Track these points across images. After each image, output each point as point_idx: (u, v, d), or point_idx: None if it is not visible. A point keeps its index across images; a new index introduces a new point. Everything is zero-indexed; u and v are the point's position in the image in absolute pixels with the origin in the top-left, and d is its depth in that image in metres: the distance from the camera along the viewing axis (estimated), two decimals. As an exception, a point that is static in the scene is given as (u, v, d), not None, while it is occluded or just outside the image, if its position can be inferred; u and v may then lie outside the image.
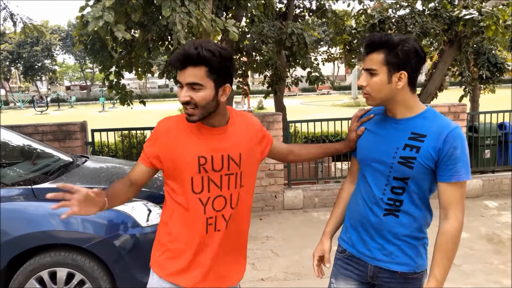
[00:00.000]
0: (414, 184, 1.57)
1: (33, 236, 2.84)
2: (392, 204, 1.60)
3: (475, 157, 6.44)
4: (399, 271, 1.62)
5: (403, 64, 1.51)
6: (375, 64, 1.53)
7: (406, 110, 1.59)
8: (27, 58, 40.34)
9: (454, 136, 1.51)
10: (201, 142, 1.55)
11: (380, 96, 1.56)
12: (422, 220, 1.62)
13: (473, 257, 4.05)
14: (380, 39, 1.50)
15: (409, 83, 1.55)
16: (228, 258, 1.67)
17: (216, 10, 6.76)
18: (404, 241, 1.61)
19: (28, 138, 4.14)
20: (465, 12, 6.48)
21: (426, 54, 1.59)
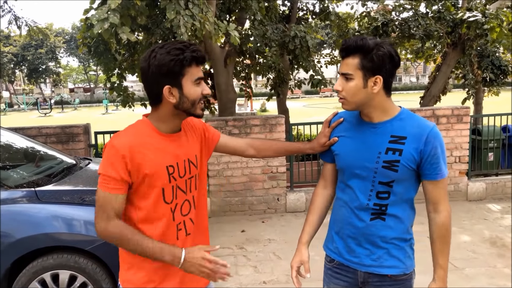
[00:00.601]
0: (399, 186, 1.59)
1: (36, 238, 2.85)
2: (378, 209, 1.61)
3: (478, 160, 6.41)
4: (389, 274, 1.64)
5: (378, 69, 1.51)
6: (350, 69, 1.53)
7: (382, 113, 1.60)
8: (32, 61, 40.59)
9: (434, 136, 1.55)
10: (165, 151, 1.53)
11: (356, 100, 1.57)
12: (408, 221, 1.66)
13: (476, 261, 4.03)
14: (355, 43, 1.50)
15: (384, 87, 1.55)
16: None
17: (219, 13, 6.78)
18: (392, 243, 1.63)
19: (31, 140, 4.16)
20: (468, 14, 6.47)
21: (400, 59, 1.60)
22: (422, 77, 47.47)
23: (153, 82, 1.48)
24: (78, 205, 2.98)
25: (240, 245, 4.62)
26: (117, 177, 1.44)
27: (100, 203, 1.47)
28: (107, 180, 1.45)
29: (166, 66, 1.43)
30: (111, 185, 1.45)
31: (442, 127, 5.79)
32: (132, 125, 1.55)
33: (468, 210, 5.56)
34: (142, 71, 1.49)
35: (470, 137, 5.95)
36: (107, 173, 1.45)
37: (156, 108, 1.53)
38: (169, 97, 1.47)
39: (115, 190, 1.46)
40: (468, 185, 5.95)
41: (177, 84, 1.47)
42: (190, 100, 1.50)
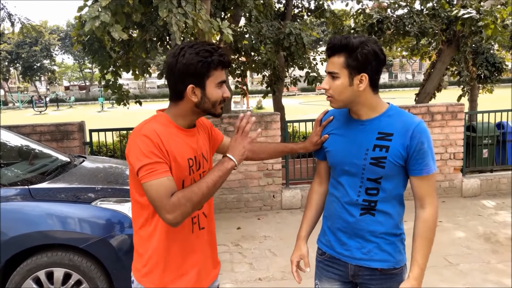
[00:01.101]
0: (387, 182, 1.61)
1: (30, 236, 2.84)
2: (368, 205, 1.64)
3: (473, 157, 6.44)
4: (379, 268, 1.65)
5: (363, 67, 1.53)
6: (336, 68, 1.56)
7: (370, 110, 1.62)
8: (26, 58, 40.34)
9: (420, 131, 1.55)
10: (185, 144, 1.56)
11: (343, 98, 1.59)
12: (398, 216, 1.67)
13: (471, 257, 4.05)
14: (340, 42, 1.53)
15: (370, 84, 1.57)
16: (211, 254, 1.72)
17: (214, 10, 6.76)
18: (382, 238, 1.65)
19: (26, 138, 4.14)
20: (463, 11, 6.49)
21: (386, 56, 1.61)
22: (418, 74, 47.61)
23: (178, 79, 1.50)
24: (72, 203, 2.97)
25: (236, 242, 4.62)
26: (160, 159, 1.42)
27: (156, 194, 1.39)
28: (153, 168, 1.40)
29: (193, 66, 1.46)
30: (159, 169, 1.40)
31: (437, 123, 5.81)
32: (152, 118, 1.55)
33: (463, 206, 5.58)
34: (169, 67, 1.51)
35: (465, 133, 5.98)
36: (150, 161, 1.40)
37: (176, 103, 1.55)
38: (192, 96, 1.50)
39: (164, 173, 1.41)
40: (462, 181, 5.98)
41: (201, 84, 1.50)
42: (211, 101, 1.53)
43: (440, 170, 5.90)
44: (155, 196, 1.40)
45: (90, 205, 2.97)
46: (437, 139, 5.84)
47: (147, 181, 1.40)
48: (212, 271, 1.72)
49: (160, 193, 1.39)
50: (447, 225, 4.91)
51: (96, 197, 3.03)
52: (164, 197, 1.39)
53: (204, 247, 1.66)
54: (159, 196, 1.39)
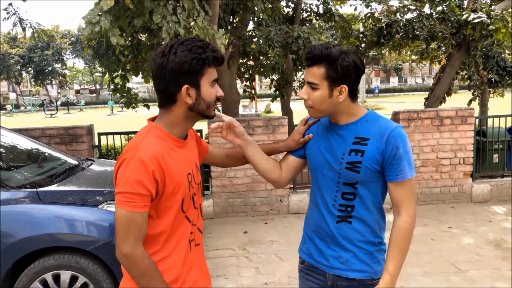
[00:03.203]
0: (364, 188, 1.58)
1: (37, 238, 2.86)
2: (344, 210, 1.61)
3: (483, 162, 6.37)
4: (357, 278, 1.62)
5: (343, 79, 1.51)
6: (316, 78, 1.53)
7: (348, 117, 1.61)
8: (38, 62, 40.85)
9: (395, 136, 1.53)
10: (183, 158, 1.47)
11: (322, 109, 1.58)
12: (375, 225, 1.63)
13: (480, 263, 3.99)
14: (321, 53, 1.50)
15: (349, 95, 1.56)
16: (205, 270, 1.64)
17: (223, 14, 6.79)
18: (359, 247, 1.62)
19: (35, 141, 4.18)
20: (473, 15, 6.44)
21: (365, 66, 1.59)
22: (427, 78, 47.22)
23: (170, 80, 1.36)
24: (79, 206, 2.99)
25: (243, 246, 4.61)
26: (145, 192, 1.32)
27: (123, 224, 1.33)
28: (132, 198, 1.31)
29: (187, 63, 1.35)
30: (137, 202, 1.32)
31: (446, 128, 5.76)
32: (145, 132, 1.42)
33: (473, 212, 5.51)
34: (159, 68, 1.37)
35: (475, 138, 5.91)
36: (132, 190, 1.31)
37: (168, 109, 1.42)
38: (186, 97, 1.38)
39: (141, 207, 1.33)
40: (472, 186, 5.90)
41: (196, 84, 1.39)
42: (206, 101, 1.42)
43: (449, 175, 5.84)
44: (123, 225, 1.33)
45: (98, 208, 2.99)
46: (447, 144, 5.78)
47: (120, 208, 1.33)
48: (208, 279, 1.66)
49: (129, 227, 1.33)
50: (456, 231, 4.85)
51: (104, 200, 3.05)
52: (128, 233, 1.33)
53: (200, 264, 1.59)
54: (126, 229, 1.33)
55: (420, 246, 4.42)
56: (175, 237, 1.46)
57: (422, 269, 3.87)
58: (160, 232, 1.43)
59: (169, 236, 1.44)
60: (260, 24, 7.28)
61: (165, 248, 1.44)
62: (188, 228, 1.50)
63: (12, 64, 39.38)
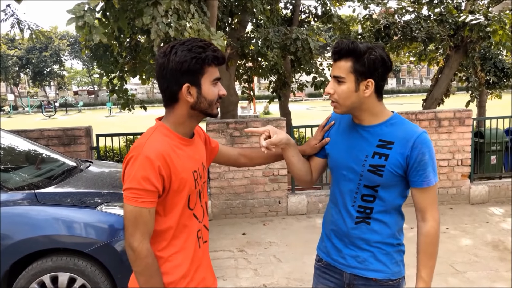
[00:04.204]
0: (384, 191, 1.58)
1: (35, 240, 2.86)
2: (363, 212, 1.61)
3: (481, 163, 6.38)
4: (374, 278, 1.62)
5: (370, 73, 1.51)
6: (342, 72, 1.53)
7: (373, 117, 1.60)
8: (36, 64, 40.78)
9: (421, 142, 1.52)
10: (189, 156, 1.51)
11: (347, 104, 1.56)
12: (394, 226, 1.63)
13: (478, 264, 4.00)
14: (348, 47, 1.50)
15: (376, 91, 1.56)
16: (210, 267, 1.67)
17: (221, 15, 6.80)
18: (377, 247, 1.62)
19: (33, 143, 4.17)
20: (471, 17, 6.45)
21: (392, 63, 1.58)
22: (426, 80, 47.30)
23: (171, 79, 1.41)
24: (77, 208, 2.99)
25: (241, 248, 4.61)
26: (152, 188, 1.36)
27: (131, 219, 1.37)
28: (139, 194, 1.35)
29: (187, 63, 1.38)
30: (145, 198, 1.36)
31: (444, 129, 5.77)
32: (152, 131, 1.47)
33: (471, 213, 5.52)
34: (160, 68, 1.42)
35: (473, 139, 5.92)
36: (139, 186, 1.35)
37: (172, 109, 1.47)
38: (187, 96, 1.42)
39: (149, 203, 1.37)
40: (470, 188, 5.92)
41: (196, 83, 1.42)
42: (208, 100, 1.45)
43: (447, 176, 5.85)
44: (131, 220, 1.38)
45: (96, 210, 2.98)
46: (444, 145, 5.79)
47: (129, 204, 1.38)
48: (213, 284, 1.66)
49: (137, 222, 1.37)
50: (454, 232, 4.85)
51: (102, 201, 3.04)
52: (136, 228, 1.37)
53: (207, 261, 1.63)
54: (134, 224, 1.38)
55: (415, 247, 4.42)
56: (183, 233, 1.49)
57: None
58: (167, 228, 1.46)
59: (176, 232, 1.47)
60: (259, 25, 7.29)
61: (173, 244, 1.47)
62: (196, 225, 1.53)
63: (10, 66, 39.31)
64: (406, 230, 4.94)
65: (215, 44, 1.56)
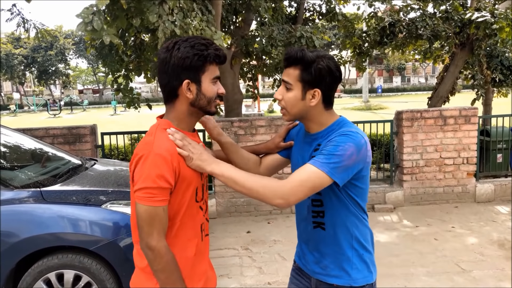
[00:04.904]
0: (328, 193, 1.54)
1: (41, 238, 2.88)
2: (317, 216, 1.60)
3: (487, 162, 6.34)
4: (335, 284, 1.60)
5: (317, 82, 1.50)
6: (291, 79, 1.53)
7: (318, 126, 1.59)
8: (41, 63, 41.00)
9: (337, 136, 1.48)
10: None
11: (294, 111, 1.56)
12: (353, 230, 1.58)
13: (484, 263, 3.98)
14: (296, 55, 1.51)
15: (323, 100, 1.55)
16: (209, 261, 1.69)
17: (225, 14, 6.79)
18: (336, 253, 1.59)
19: (39, 141, 4.20)
20: (477, 14, 6.40)
21: (341, 73, 1.56)
22: (431, 78, 47.09)
23: (172, 74, 1.43)
24: (83, 206, 3.00)
25: (246, 246, 4.61)
26: (166, 185, 1.37)
27: (146, 219, 1.37)
28: (153, 193, 1.35)
29: (189, 59, 1.40)
30: (159, 196, 1.36)
31: (450, 128, 5.74)
32: (156, 129, 1.47)
33: (476, 212, 5.49)
34: (162, 62, 1.44)
35: (478, 138, 5.89)
36: (154, 185, 1.35)
37: (172, 105, 1.49)
38: (187, 92, 1.44)
39: (162, 202, 1.38)
40: (476, 186, 5.88)
41: (197, 80, 1.44)
42: (207, 97, 1.47)
43: (453, 175, 5.82)
44: (146, 221, 1.37)
45: (101, 208, 3.00)
46: (450, 144, 5.76)
47: (142, 204, 1.37)
48: (213, 278, 1.69)
49: (152, 222, 1.37)
50: (460, 231, 4.83)
51: (107, 199, 3.06)
52: (152, 227, 1.37)
53: (208, 255, 1.65)
54: (150, 223, 1.37)
55: (423, 246, 4.41)
56: (189, 226, 1.50)
57: (426, 269, 3.86)
58: (174, 222, 1.46)
59: (182, 225, 1.48)
60: (263, 23, 7.28)
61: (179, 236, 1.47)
62: (200, 217, 1.55)
63: (16, 64, 39.54)
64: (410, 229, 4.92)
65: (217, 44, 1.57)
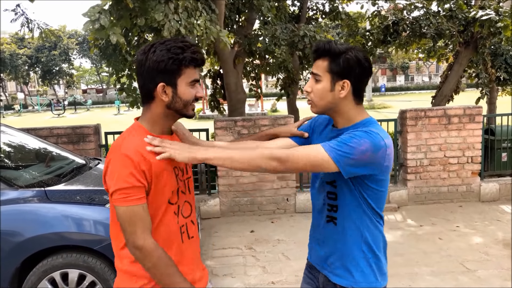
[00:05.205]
0: (343, 188, 1.53)
1: (45, 237, 2.88)
2: (331, 210, 1.59)
3: (491, 161, 6.31)
4: (337, 284, 1.58)
5: (345, 73, 1.50)
6: (320, 70, 1.53)
7: (346, 121, 1.57)
8: (45, 62, 41.15)
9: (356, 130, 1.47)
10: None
11: (322, 104, 1.55)
12: (365, 232, 1.55)
13: (489, 263, 3.96)
14: (324, 47, 1.51)
15: (353, 93, 1.53)
16: (199, 262, 1.66)
17: (229, 13, 6.79)
18: (342, 251, 1.57)
19: (43, 141, 4.21)
20: (481, 12, 6.36)
21: (371, 65, 1.54)
22: (434, 77, 46.91)
23: (147, 77, 1.43)
24: (87, 205, 3.01)
25: (249, 246, 4.61)
26: (139, 184, 1.37)
27: (126, 220, 1.37)
28: (128, 193, 1.35)
29: (164, 63, 1.39)
30: (134, 195, 1.36)
31: (454, 126, 5.72)
32: (128, 131, 1.49)
33: (481, 211, 5.47)
34: (139, 64, 1.44)
35: (483, 137, 5.86)
36: (126, 185, 1.35)
37: (148, 107, 1.48)
38: (162, 95, 1.43)
39: (139, 200, 1.37)
40: (481, 185, 5.85)
41: (172, 83, 1.42)
42: (183, 100, 1.45)
43: (457, 174, 5.80)
44: (127, 222, 1.37)
45: (105, 207, 3.00)
46: (454, 143, 5.74)
47: (119, 206, 1.37)
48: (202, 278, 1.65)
49: (132, 221, 1.37)
50: (464, 231, 4.81)
51: (111, 199, 3.06)
52: (134, 226, 1.37)
53: (193, 257, 1.60)
54: (131, 224, 1.37)
55: (428, 245, 4.39)
56: (164, 228, 1.48)
57: (430, 269, 3.84)
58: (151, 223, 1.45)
59: (157, 226, 1.46)
60: (266, 23, 7.27)
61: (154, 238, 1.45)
62: (181, 220, 1.53)
63: (20, 64, 39.70)
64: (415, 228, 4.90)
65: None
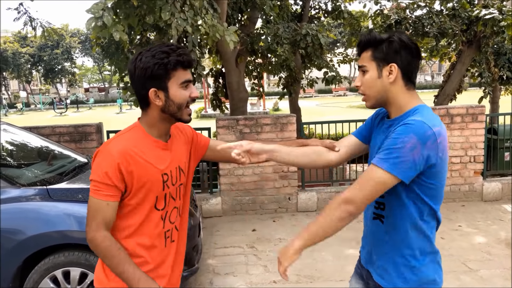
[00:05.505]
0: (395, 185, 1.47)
1: (47, 235, 2.89)
2: (378, 207, 1.56)
3: (494, 160, 6.29)
4: (378, 283, 1.56)
5: (391, 57, 1.46)
6: (365, 61, 1.51)
7: (398, 109, 1.50)
8: (48, 61, 41.23)
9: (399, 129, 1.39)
10: (160, 158, 1.53)
11: (373, 93, 1.51)
12: (411, 233, 1.47)
13: (491, 262, 3.94)
14: (365, 38, 1.52)
15: (403, 77, 1.48)
16: (178, 266, 1.70)
17: (231, 12, 6.78)
18: (384, 251, 1.53)
19: (45, 139, 4.21)
20: (485, 11, 6.34)
21: (418, 46, 1.49)
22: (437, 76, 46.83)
23: (139, 84, 1.48)
24: (89, 203, 3.00)
25: (251, 244, 4.61)
26: (110, 183, 1.43)
27: (91, 211, 1.45)
28: (99, 186, 1.43)
29: (150, 69, 1.44)
30: (104, 191, 1.43)
31: (456, 126, 5.70)
32: (127, 130, 1.54)
33: (483, 210, 5.45)
34: (129, 74, 1.50)
35: (486, 136, 5.84)
36: (99, 179, 1.42)
37: (146, 111, 1.53)
38: (155, 100, 1.47)
39: (107, 196, 1.44)
40: (483, 185, 5.84)
41: (163, 87, 1.47)
42: (176, 103, 1.48)
43: (459, 173, 5.78)
44: (90, 212, 1.46)
45: (107, 206, 3.00)
46: (457, 142, 5.72)
47: (91, 196, 1.45)
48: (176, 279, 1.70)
49: (94, 214, 1.45)
50: (467, 230, 4.80)
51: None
52: (93, 219, 1.45)
53: (172, 258, 1.65)
54: (92, 215, 1.45)
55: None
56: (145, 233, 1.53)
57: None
58: (131, 224, 1.51)
59: (141, 229, 1.52)
60: (268, 21, 7.26)
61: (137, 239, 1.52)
62: (167, 225, 1.58)
63: (23, 63, 39.79)
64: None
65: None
